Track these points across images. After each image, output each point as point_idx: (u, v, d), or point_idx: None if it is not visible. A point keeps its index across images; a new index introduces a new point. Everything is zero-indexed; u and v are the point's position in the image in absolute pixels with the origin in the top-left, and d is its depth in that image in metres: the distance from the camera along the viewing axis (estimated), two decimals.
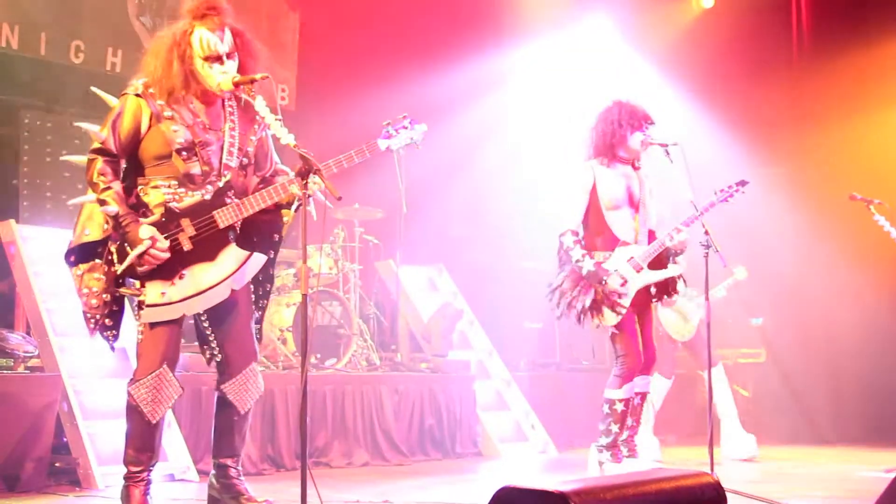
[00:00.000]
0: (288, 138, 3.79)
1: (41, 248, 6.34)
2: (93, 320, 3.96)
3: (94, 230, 3.97)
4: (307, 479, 3.52)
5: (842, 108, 8.66)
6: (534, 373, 8.63)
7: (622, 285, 5.28)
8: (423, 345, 8.12)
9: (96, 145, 3.92)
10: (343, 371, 7.17)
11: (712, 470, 4.93)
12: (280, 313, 7.16)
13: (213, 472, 4.22)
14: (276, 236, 4.19)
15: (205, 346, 4.22)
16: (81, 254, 3.97)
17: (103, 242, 3.96)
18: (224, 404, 4.13)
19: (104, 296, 3.93)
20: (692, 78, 9.32)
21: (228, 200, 4.01)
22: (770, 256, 9.27)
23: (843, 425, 8.52)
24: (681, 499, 2.70)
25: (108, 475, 5.42)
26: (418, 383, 7.32)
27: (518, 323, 9.20)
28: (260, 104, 3.90)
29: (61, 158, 4.42)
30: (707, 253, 5.15)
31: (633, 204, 5.45)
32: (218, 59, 3.95)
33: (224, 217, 3.97)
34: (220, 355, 4.13)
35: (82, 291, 3.93)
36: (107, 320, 3.99)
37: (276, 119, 3.86)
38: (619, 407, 5.36)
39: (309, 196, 3.78)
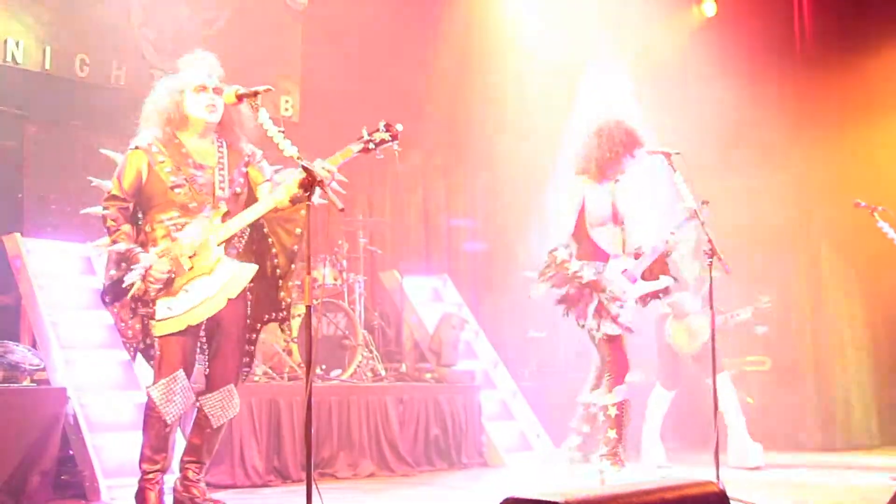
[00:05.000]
0: (291, 150, 3.91)
1: (46, 261, 6.36)
2: (132, 348, 4.42)
3: (118, 270, 4.42)
4: (312, 491, 3.54)
5: (845, 115, 8.65)
6: (539, 382, 8.62)
7: (623, 294, 5.34)
8: (429, 356, 8.12)
9: (106, 194, 4.45)
10: (348, 382, 7.17)
11: (718, 479, 4.92)
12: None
13: (178, 476, 4.53)
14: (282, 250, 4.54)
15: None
16: (114, 293, 4.39)
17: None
18: (199, 415, 4.51)
19: (136, 326, 4.37)
20: (696, 86, 9.32)
21: (225, 221, 4.40)
22: (774, 264, 9.26)
23: (849, 433, 8.48)
24: None
25: (113, 487, 5.44)
26: (423, 394, 7.31)
27: (522, 332, 9.20)
28: (263, 116, 4.03)
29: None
30: (711, 262, 5.17)
31: (618, 220, 5.55)
32: (204, 88, 4.45)
33: (217, 236, 4.35)
34: (207, 369, 4.54)
35: (119, 325, 4.39)
36: (151, 350, 4.42)
37: (278, 131, 3.94)
38: (613, 412, 5.39)
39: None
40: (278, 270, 4.50)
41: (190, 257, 4.32)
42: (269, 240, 4.50)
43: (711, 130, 8.93)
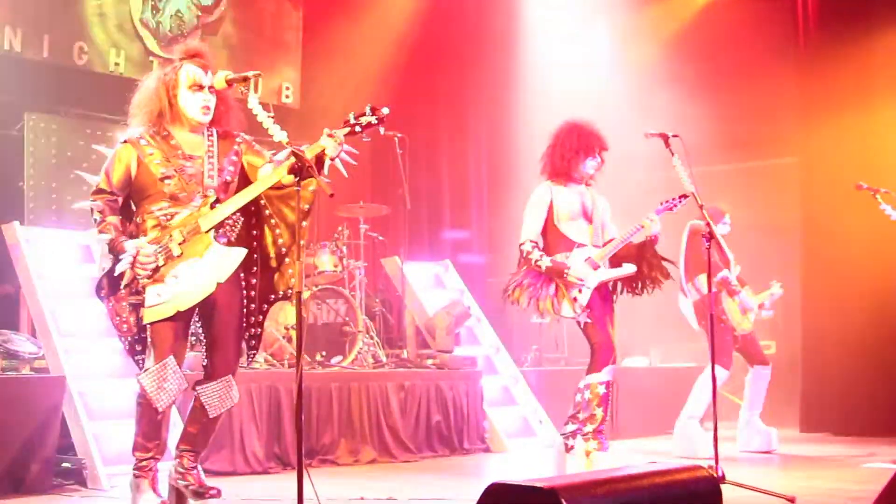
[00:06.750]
0: (280, 135, 3.92)
1: (45, 249, 6.36)
2: (127, 343, 4.44)
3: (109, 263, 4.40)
4: (304, 477, 3.54)
5: (848, 98, 8.57)
6: (541, 368, 8.62)
7: (580, 280, 5.37)
8: (427, 340, 8.12)
9: (94, 188, 4.44)
10: (349, 368, 7.16)
11: (717, 462, 4.91)
12: (285, 311, 7.14)
13: (173, 462, 4.53)
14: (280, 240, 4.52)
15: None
16: (108, 286, 4.38)
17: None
18: (196, 404, 4.51)
19: (131, 319, 4.37)
20: (697, 69, 9.28)
21: (214, 208, 4.39)
22: (778, 248, 9.22)
23: (852, 416, 8.45)
24: (674, 492, 2.69)
25: (113, 475, 5.45)
26: (425, 380, 7.30)
27: (525, 318, 9.17)
28: (253, 102, 4.04)
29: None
30: (709, 246, 5.15)
31: (587, 217, 5.60)
32: (200, 88, 4.42)
33: (206, 221, 4.34)
34: (205, 359, 4.52)
35: (114, 319, 4.37)
36: (137, 345, 4.43)
37: (268, 116, 3.94)
38: (601, 389, 5.42)
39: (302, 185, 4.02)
40: (283, 249, 4.50)
41: (180, 244, 4.32)
42: (273, 220, 4.49)
43: (711, 114, 8.89)
